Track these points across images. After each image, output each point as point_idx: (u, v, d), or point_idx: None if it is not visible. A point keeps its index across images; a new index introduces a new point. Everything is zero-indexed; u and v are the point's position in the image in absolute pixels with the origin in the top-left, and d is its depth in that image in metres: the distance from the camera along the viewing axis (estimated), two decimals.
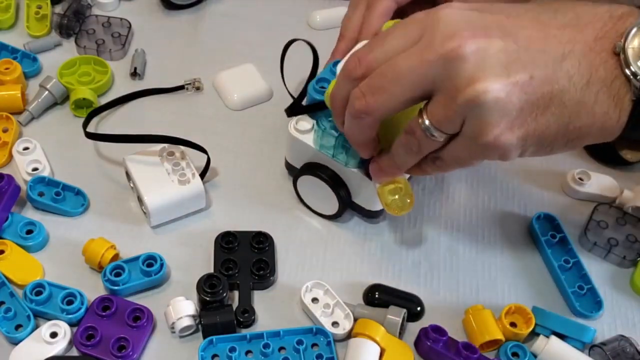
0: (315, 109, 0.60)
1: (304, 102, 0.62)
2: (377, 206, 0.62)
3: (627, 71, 0.46)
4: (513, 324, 0.57)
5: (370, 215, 0.63)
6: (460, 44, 0.45)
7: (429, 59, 0.46)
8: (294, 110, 0.62)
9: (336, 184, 0.60)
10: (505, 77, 0.45)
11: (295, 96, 0.62)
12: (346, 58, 0.54)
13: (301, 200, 0.65)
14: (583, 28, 0.47)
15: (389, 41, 0.49)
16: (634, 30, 0.46)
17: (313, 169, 0.61)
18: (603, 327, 0.58)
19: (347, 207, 0.62)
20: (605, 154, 0.69)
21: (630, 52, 0.46)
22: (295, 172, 0.63)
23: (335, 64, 0.61)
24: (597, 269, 0.62)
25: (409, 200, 0.56)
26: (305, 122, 0.61)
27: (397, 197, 0.56)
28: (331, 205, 0.62)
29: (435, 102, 0.47)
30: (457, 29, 0.45)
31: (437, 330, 0.55)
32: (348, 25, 0.64)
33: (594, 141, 0.49)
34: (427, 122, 0.48)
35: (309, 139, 0.60)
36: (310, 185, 0.62)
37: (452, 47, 0.45)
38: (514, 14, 0.47)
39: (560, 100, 0.46)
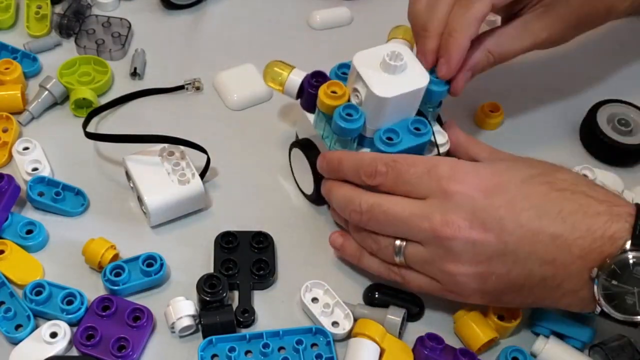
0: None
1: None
2: None
3: (596, 294, 0.49)
4: (501, 317, 0.57)
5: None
6: (455, 235, 0.51)
7: (425, 228, 0.52)
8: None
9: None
10: (485, 267, 0.51)
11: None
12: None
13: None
14: (572, 244, 0.49)
15: (401, 184, 0.53)
16: (610, 267, 0.48)
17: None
18: (603, 327, 0.58)
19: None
20: (607, 153, 0.69)
21: (602, 283, 0.49)
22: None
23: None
24: None
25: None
26: None
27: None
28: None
29: (417, 249, 0.53)
30: (460, 218, 0.51)
31: (434, 338, 0.55)
32: (433, 19, 0.57)
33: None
34: (401, 245, 0.54)
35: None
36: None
37: (449, 234, 0.51)
38: (517, 208, 0.50)
39: (529, 289, 0.52)
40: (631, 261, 0.48)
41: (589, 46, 0.81)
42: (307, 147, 0.62)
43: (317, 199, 0.63)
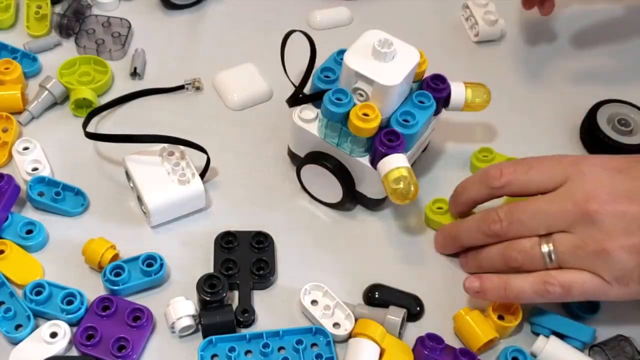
0: (317, 99, 0.60)
1: (307, 93, 0.63)
2: (381, 194, 0.62)
3: None
4: (501, 317, 0.57)
5: (374, 204, 0.64)
6: (602, 208, 0.50)
7: (569, 210, 0.51)
8: (295, 100, 0.62)
9: (341, 172, 0.61)
10: (635, 238, 0.50)
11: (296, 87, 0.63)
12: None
13: (304, 189, 0.65)
14: None
15: (533, 174, 0.54)
16: None
17: (317, 157, 0.61)
18: (603, 327, 0.58)
19: (351, 195, 0.63)
20: (607, 153, 0.69)
21: None
22: (299, 161, 0.64)
23: (340, 52, 0.61)
24: None
25: (413, 189, 0.56)
26: (309, 111, 0.62)
27: (401, 185, 0.56)
28: (335, 193, 0.63)
29: (566, 237, 0.52)
30: (599, 192, 0.51)
31: (434, 338, 0.55)
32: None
33: None
34: (549, 249, 0.53)
35: (314, 128, 0.61)
36: (314, 174, 0.63)
37: (594, 208, 0.50)
38: None
39: None
40: None
41: (589, 46, 0.81)
42: (321, 158, 0.61)
43: (346, 203, 0.63)
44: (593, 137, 0.70)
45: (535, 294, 0.53)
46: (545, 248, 0.53)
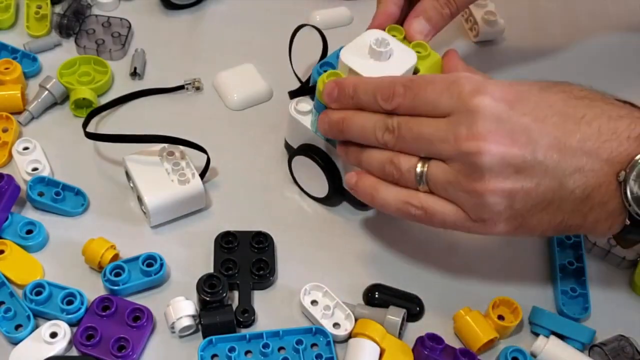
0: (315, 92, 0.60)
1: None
2: None
3: (624, 201, 0.49)
4: (501, 317, 0.57)
5: (361, 202, 0.63)
6: (482, 149, 0.48)
7: (450, 143, 0.49)
8: (297, 92, 0.63)
9: (328, 167, 0.61)
10: (513, 181, 0.49)
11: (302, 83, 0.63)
12: (375, 75, 0.55)
13: (295, 181, 0.66)
14: (599, 147, 0.49)
15: (423, 95, 0.51)
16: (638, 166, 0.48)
17: (307, 150, 0.62)
18: (603, 327, 0.58)
19: (338, 192, 0.63)
20: None
21: (630, 185, 0.48)
22: (291, 152, 0.64)
23: (323, 65, 0.61)
24: (596, 269, 0.62)
25: None
26: (305, 104, 0.62)
27: None
28: (322, 187, 0.63)
29: (441, 168, 0.51)
30: (486, 130, 0.48)
31: (434, 338, 0.55)
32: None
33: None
34: (423, 171, 0.52)
35: (307, 121, 0.61)
36: (304, 166, 0.63)
37: (476, 148, 0.48)
38: (541, 115, 0.49)
39: (557, 205, 0.50)
40: None
41: (589, 47, 0.81)
42: (311, 150, 0.62)
43: (331, 198, 0.63)
44: None
45: (397, 211, 0.54)
46: (419, 169, 0.52)
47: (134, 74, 0.73)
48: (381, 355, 0.55)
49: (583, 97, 0.51)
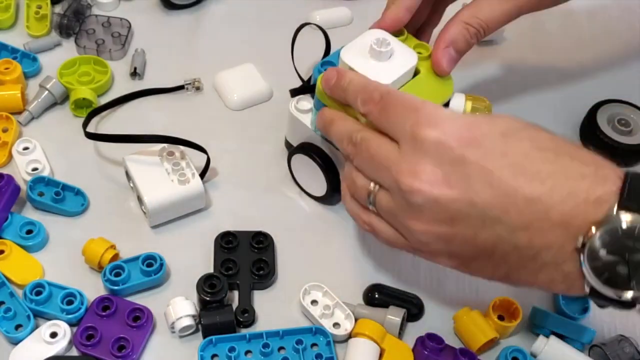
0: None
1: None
2: None
3: (584, 266, 0.44)
4: (501, 317, 0.57)
5: None
6: (416, 188, 0.46)
7: (392, 175, 0.48)
8: (298, 91, 0.62)
9: (326, 165, 0.61)
10: (447, 227, 0.47)
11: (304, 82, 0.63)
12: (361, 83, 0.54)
13: (294, 180, 0.66)
14: (551, 207, 0.44)
15: (391, 112, 0.49)
16: (598, 235, 0.43)
17: (307, 148, 0.62)
18: (603, 327, 0.58)
19: (336, 190, 0.63)
20: (607, 153, 0.69)
21: (587, 256, 0.44)
22: (290, 150, 0.64)
23: (324, 63, 0.61)
24: None
25: None
26: (306, 102, 0.62)
27: None
28: (321, 186, 0.63)
29: (386, 195, 0.49)
30: (425, 169, 0.46)
31: (434, 338, 0.55)
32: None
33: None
34: (372, 192, 0.50)
35: (307, 119, 0.61)
36: (303, 165, 0.63)
37: (410, 186, 0.46)
38: (490, 165, 0.45)
39: (501, 257, 0.46)
40: (623, 225, 0.42)
41: (589, 46, 0.81)
42: (309, 149, 0.62)
43: (329, 197, 0.63)
44: (593, 137, 0.70)
45: (356, 222, 0.54)
46: (369, 190, 0.51)
47: (134, 74, 0.73)
48: (381, 355, 0.55)
49: (548, 149, 0.46)
